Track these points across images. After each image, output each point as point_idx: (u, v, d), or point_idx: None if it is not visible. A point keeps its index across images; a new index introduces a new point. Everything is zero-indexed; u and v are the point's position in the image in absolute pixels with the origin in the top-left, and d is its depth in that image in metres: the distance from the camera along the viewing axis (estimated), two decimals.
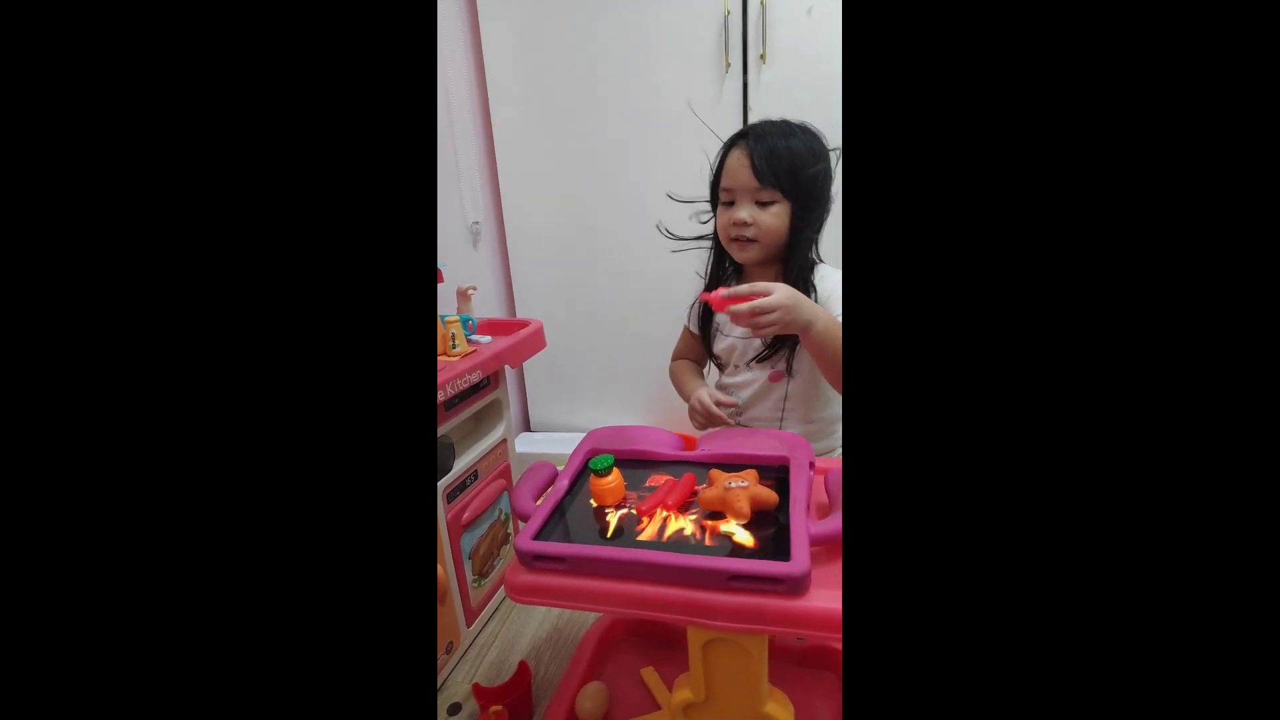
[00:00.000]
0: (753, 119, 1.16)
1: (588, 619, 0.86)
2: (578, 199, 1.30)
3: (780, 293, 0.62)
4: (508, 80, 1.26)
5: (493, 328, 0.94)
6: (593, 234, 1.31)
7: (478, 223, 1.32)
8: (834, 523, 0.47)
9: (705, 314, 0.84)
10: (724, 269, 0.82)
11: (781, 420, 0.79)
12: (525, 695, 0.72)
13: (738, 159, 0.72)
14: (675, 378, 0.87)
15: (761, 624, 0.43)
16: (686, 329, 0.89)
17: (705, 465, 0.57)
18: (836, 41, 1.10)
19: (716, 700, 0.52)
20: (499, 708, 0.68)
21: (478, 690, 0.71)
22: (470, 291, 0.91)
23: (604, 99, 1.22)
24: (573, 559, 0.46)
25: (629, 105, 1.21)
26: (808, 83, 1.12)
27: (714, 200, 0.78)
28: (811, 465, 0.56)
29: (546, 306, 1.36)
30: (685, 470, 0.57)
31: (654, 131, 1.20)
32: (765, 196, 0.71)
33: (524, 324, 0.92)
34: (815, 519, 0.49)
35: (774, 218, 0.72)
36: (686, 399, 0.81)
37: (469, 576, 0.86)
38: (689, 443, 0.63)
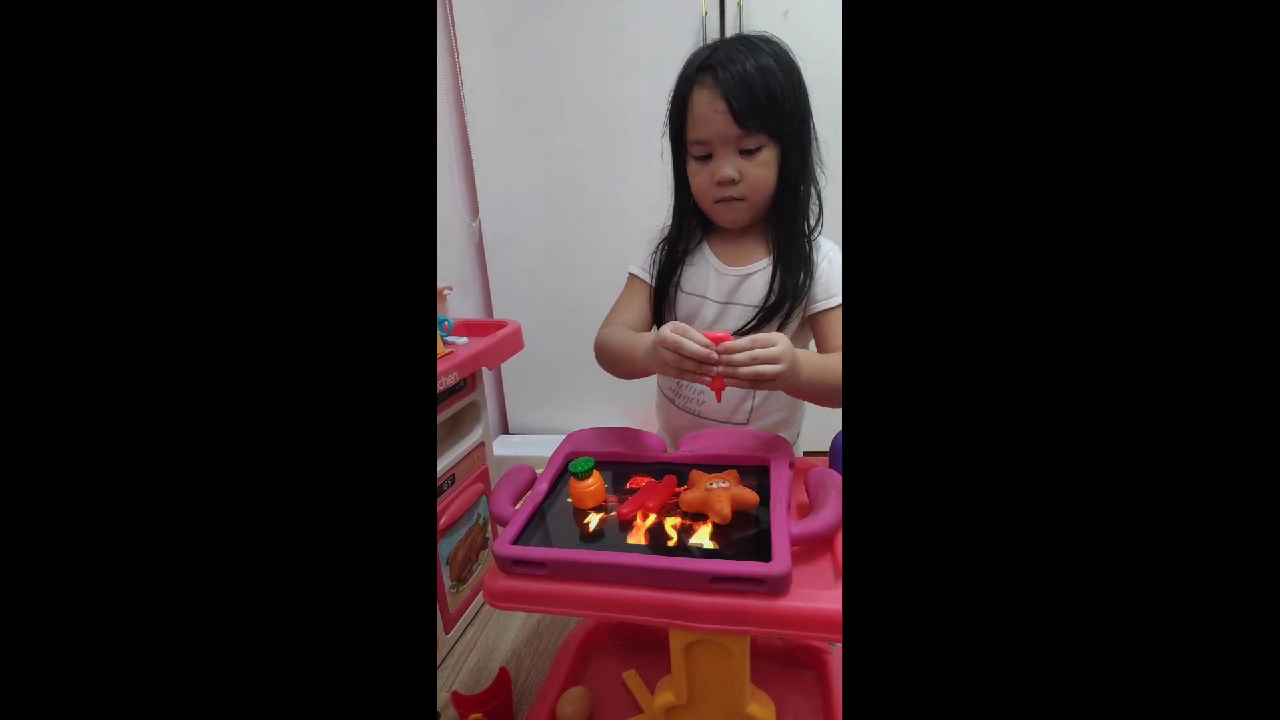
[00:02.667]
0: None
1: (568, 623, 0.85)
2: (555, 199, 1.29)
3: (784, 342, 0.50)
4: (484, 79, 1.24)
5: (469, 329, 0.93)
6: (571, 234, 1.30)
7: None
8: (815, 522, 0.47)
9: (668, 260, 0.67)
10: (688, 233, 0.66)
11: (753, 405, 0.68)
12: (506, 702, 0.70)
13: (707, 101, 0.57)
14: (609, 345, 0.62)
15: (743, 625, 0.43)
16: (633, 281, 0.68)
17: (686, 466, 0.57)
18: (812, 44, 1.10)
19: (699, 702, 0.52)
20: (479, 715, 0.67)
21: (457, 698, 0.70)
22: (446, 292, 0.89)
23: (582, 99, 1.22)
24: (553, 564, 0.46)
25: (607, 105, 1.20)
26: None
27: (678, 152, 0.63)
28: (791, 465, 0.56)
29: (524, 307, 1.35)
30: (666, 472, 0.57)
31: (632, 131, 1.20)
32: (751, 144, 0.57)
33: (501, 325, 0.91)
34: (796, 519, 0.49)
35: (763, 168, 0.58)
36: (634, 357, 0.58)
37: (447, 582, 0.84)
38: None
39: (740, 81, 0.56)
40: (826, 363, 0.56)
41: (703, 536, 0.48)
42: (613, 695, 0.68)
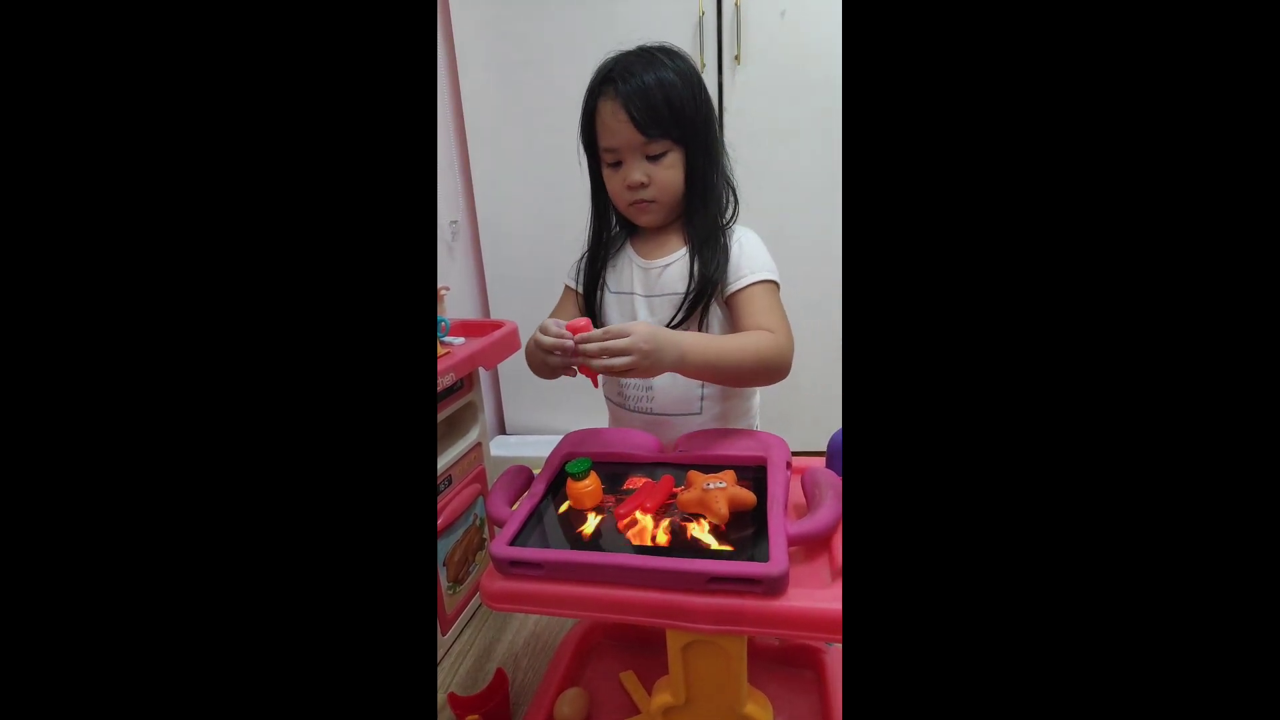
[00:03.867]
0: (729, 119, 1.16)
1: (565, 624, 0.85)
2: (553, 199, 1.28)
3: (637, 333, 0.53)
4: (481, 80, 1.24)
5: (466, 329, 0.92)
6: (568, 234, 1.29)
7: (455, 221, 1.30)
8: (811, 522, 0.47)
9: (590, 264, 0.71)
10: (608, 234, 0.72)
11: (702, 400, 0.68)
12: (503, 703, 0.70)
13: (611, 111, 0.61)
14: (528, 354, 0.65)
15: (741, 625, 0.43)
16: (565, 291, 0.74)
17: (683, 467, 0.57)
18: (809, 43, 1.11)
19: (696, 702, 0.52)
20: (476, 717, 0.67)
21: (454, 700, 0.70)
22: (443, 292, 0.89)
23: (578, 99, 1.21)
24: (550, 564, 0.46)
25: None
26: (782, 83, 1.13)
27: (592, 159, 0.68)
28: (788, 465, 0.56)
29: (521, 307, 1.34)
30: (663, 472, 0.57)
31: None
32: (655, 149, 0.62)
33: (498, 325, 0.91)
34: (792, 519, 0.49)
35: (670, 170, 0.63)
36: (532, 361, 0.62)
37: (444, 583, 0.84)
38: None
39: (640, 92, 0.60)
40: (716, 344, 0.59)
41: (700, 536, 0.48)
42: (610, 696, 0.68)
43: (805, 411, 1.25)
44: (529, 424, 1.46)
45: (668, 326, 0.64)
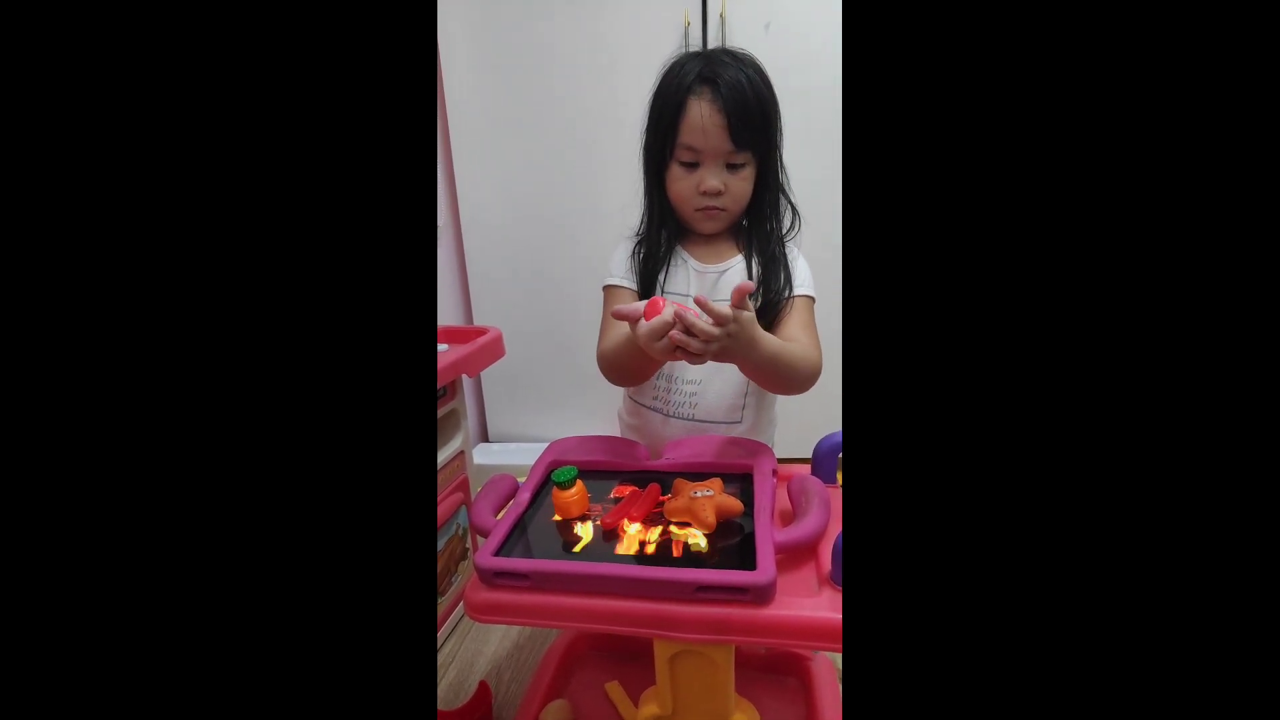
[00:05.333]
0: None
1: (549, 635, 0.84)
2: (537, 204, 1.28)
3: (737, 317, 0.49)
4: (465, 85, 1.23)
5: (449, 335, 0.91)
6: (552, 240, 1.30)
7: (439, 225, 1.29)
8: (798, 530, 0.47)
9: (649, 263, 0.66)
10: (668, 234, 0.67)
11: (744, 409, 0.68)
12: (486, 717, 0.69)
13: (708, 114, 0.58)
14: (616, 355, 0.61)
15: (729, 634, 0.42)
16: (613, 291, 0.67)
17: (669, 474, 0.57)
18: (793, 55, 1.13)
19: (683, 713, 0.52)
20: None
21: (437, 714, 0.68)
22: None
23: (564, 105, 1.22)
24: (536, 575, 0.45)
25: (589, 112, 1.20)
26: None
27: (660, 153, 0.63)
28: (774, 472, 0.56)
29: (505, 313, 1.33)
30: (649, 480, 0.56)
31: (614, 138, 1.20)
32: (738, 159, 0.61)
33: (482, 331, 0.90)
34: (779, 526, 0.49)
35: (745, 182, 0.62)
36: (638, 352, 0.53)
37: None
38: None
39: (740, 99, 0.58)
40: (781, 345, 0.57)
41: (688, 545, 0.47)
42: (596, 708, 0.67)
43: (790, 417, 1.25)
44: (512, 431, 1.44)
45: None
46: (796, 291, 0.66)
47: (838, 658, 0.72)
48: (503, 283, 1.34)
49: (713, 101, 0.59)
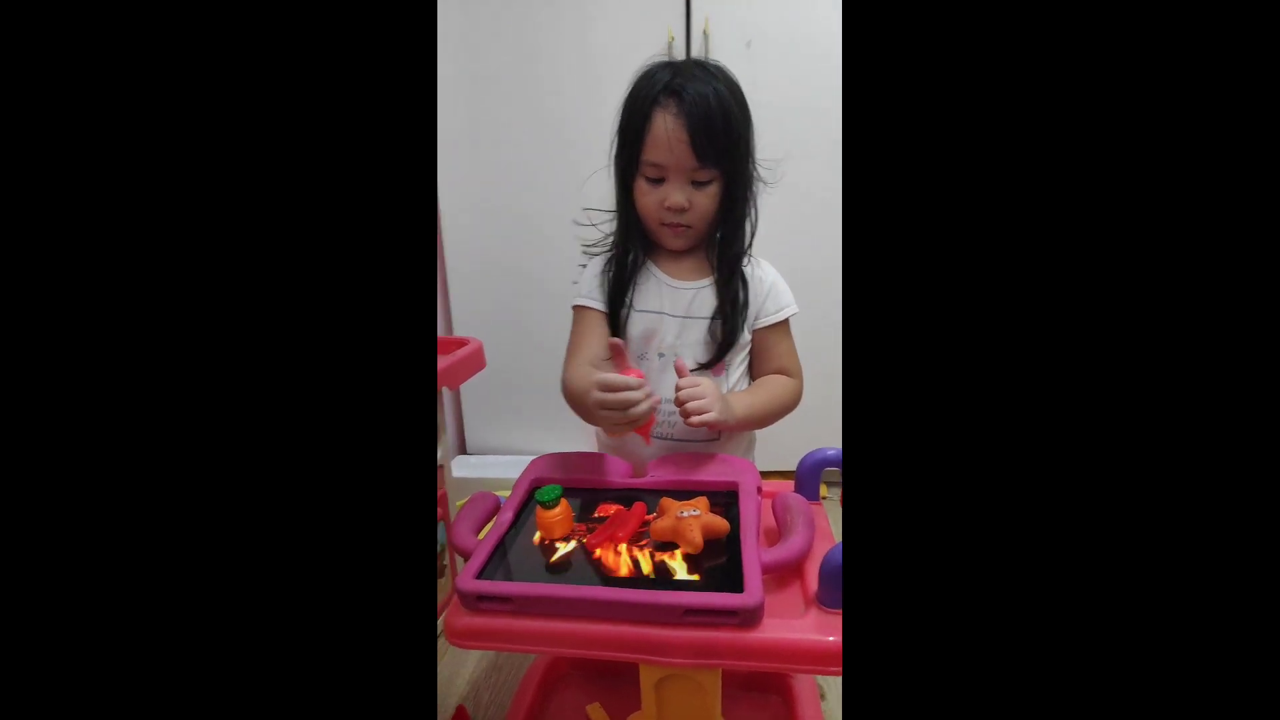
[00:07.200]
0: None
1: (529, 655, 0.82)
2: (518, 216, 1.27)
3: (706, 383, 0.56)
4: (447, 95, 1.22)
5: None
6: (532, 251, 1.29)
7: None
8: (784, 550, 0.47)
9: (618, 280, 0.65)
10: (637, 250, 0.66)
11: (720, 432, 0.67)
12: None
13: (672, 128, 0.57)
14: (575, 397, 0.61)
15: (717, 658, 0.42)
16: (582, 313, 0.66)
17: (655, 493, 0.56)
18: (774, 73, 1.14)
19: None
20: None
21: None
22: None
23: (546, 118, 1.21)
24: (519, 599, 0.44)
25: (572, 125, 1.20)
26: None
27: (627, 167, 0.62)
28: (759, 490, 0.56)
29: (485, 322, 1.32)
30: (635, 498, 0.56)
31: (597, 152, 1.20)
32: (703, 176, 0.59)
33: (463, 342, 0.89)
34: (765, 546, 0.49)
35: (711, 199, 0.61)
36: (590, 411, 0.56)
37: None
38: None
39: (704, 114, 0.57)
40: (756, 402, 0.63)
41: (674, 567, 0.47)
42: None
43: (771, 431, 1.26)
44: (491, 444, 1.42)
45: (702, 364, 0.65)
46: (778, 316, 0.66)
47: (820, 676, 0.72)
48: (483, 292, 1.33)
49: (677, 115, 0.57)
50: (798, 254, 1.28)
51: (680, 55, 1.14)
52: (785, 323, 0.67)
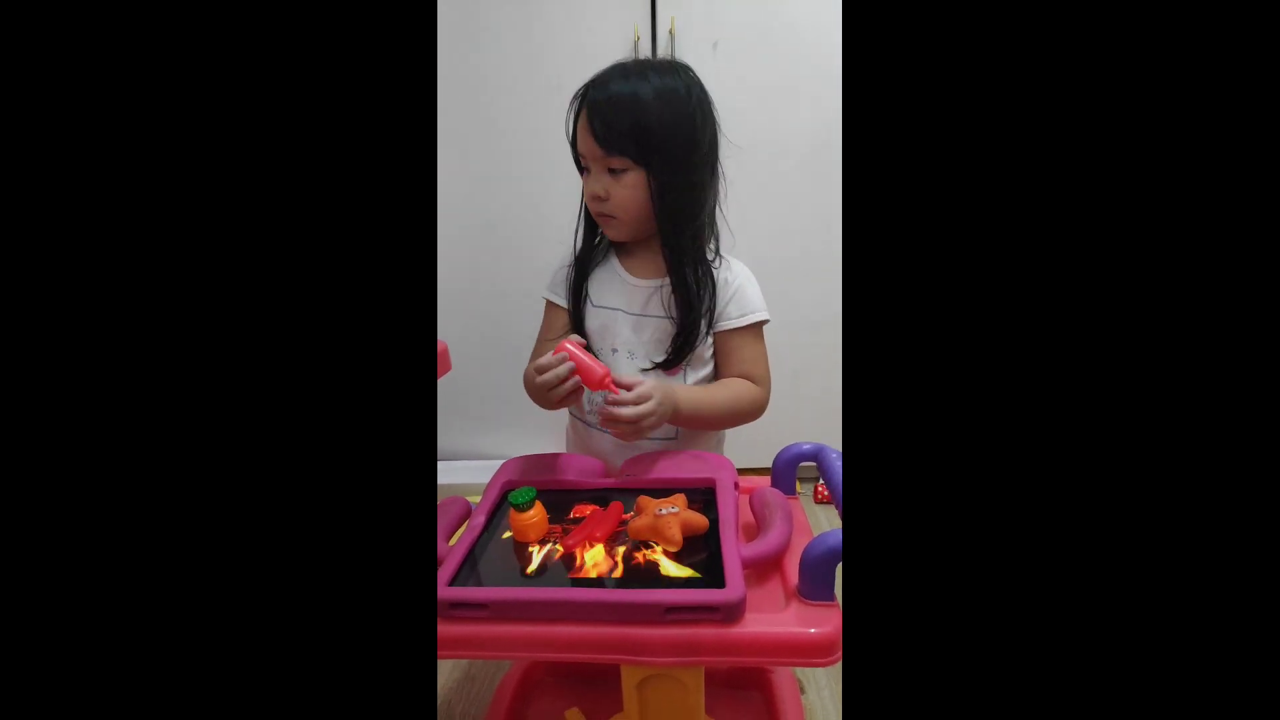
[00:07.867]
0: None
1: (503, 662, 0.80)
2: (484, 217, 1.25)
3: (654, 394, 0.56)
4: None
5: None
6: (499, 253, 1.27)
7: None
8: (763, 544, 0.47)
9: (576, 274, 0.68)
10: (596, 242, 0.69)
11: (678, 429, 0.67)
12: None
13: (582, 120, 0.60)
14: (528, 383, 0.64)
15: (700, 656, 0.41)
16: (549, 307, 0.71)
17: (632, 492, 0.55)
18: (740, 75, 1.16)
19: None
20: None
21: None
22: None
23: (509, 120, 1.20)
24: (495, 604, 0.42)
25: (535, 127, 1.19)
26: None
27: (577, 163, 0.66)
28: (736, 485, 0.56)
29: (451, 324, 1.28)
30: (611, 498, 0.55)
31: (561, 152, 1.19)
32: (615, 164, 0.59)
33: None
34: (744, 541, 0.48)
35: (629, 189, 0.60)
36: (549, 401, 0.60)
37: None
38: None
39: (606, 105, 0.59)
40: (704, 400, 0.63)
41: (654, 564, 0.46)
42: None
43: (748, 428, 1.27)
44: (460, 448, 1.39)
45: (656, 363, 0.65)
46: (743, 320, 0.65)
47: (799, 669, 0.73)
48: (448, 295, 1.29)
49: (590, 107, 0.60)
50: (763, 249, 1.30)
51: (645, 54, 1.14)
52: (753, 328, 0.66)
